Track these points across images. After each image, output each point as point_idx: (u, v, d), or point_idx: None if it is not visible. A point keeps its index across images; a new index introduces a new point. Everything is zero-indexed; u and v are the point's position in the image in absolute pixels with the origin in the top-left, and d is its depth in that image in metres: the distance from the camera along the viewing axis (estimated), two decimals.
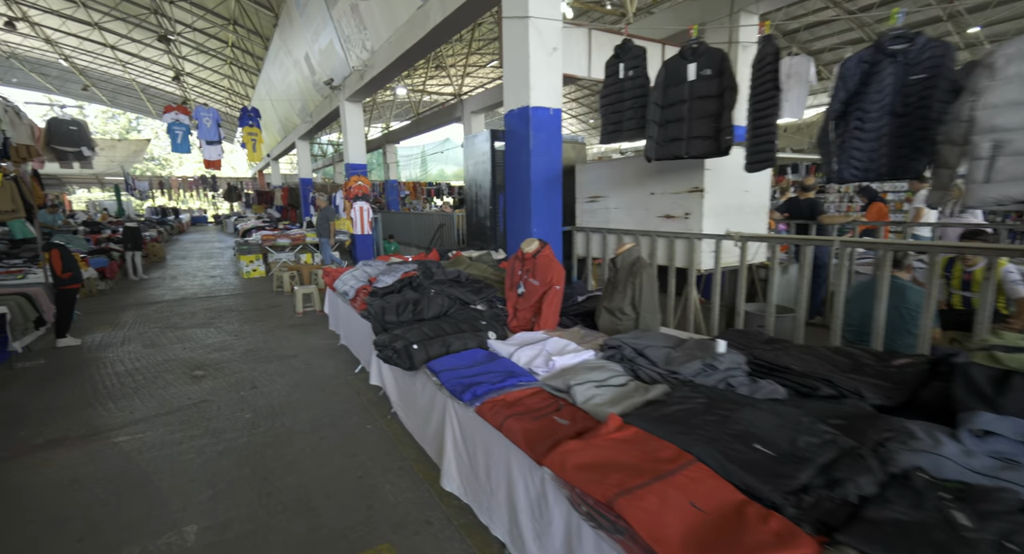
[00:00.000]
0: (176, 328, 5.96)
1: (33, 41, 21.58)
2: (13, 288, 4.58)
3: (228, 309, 7.02)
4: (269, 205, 24.46)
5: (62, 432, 3.27)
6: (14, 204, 4.68)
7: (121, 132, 38.69)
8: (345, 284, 4.07)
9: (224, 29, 17.75)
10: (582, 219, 5.21)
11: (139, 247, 9.64)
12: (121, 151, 25.52)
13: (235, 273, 10.56)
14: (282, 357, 4.79)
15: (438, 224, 13.63)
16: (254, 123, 10.85)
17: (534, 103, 4.82)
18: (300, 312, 6.58)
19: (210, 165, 10.55)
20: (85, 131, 5.35)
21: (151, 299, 7.83)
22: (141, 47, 21.31)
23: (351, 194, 11.22)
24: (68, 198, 26.79)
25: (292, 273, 8.26)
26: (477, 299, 3.26)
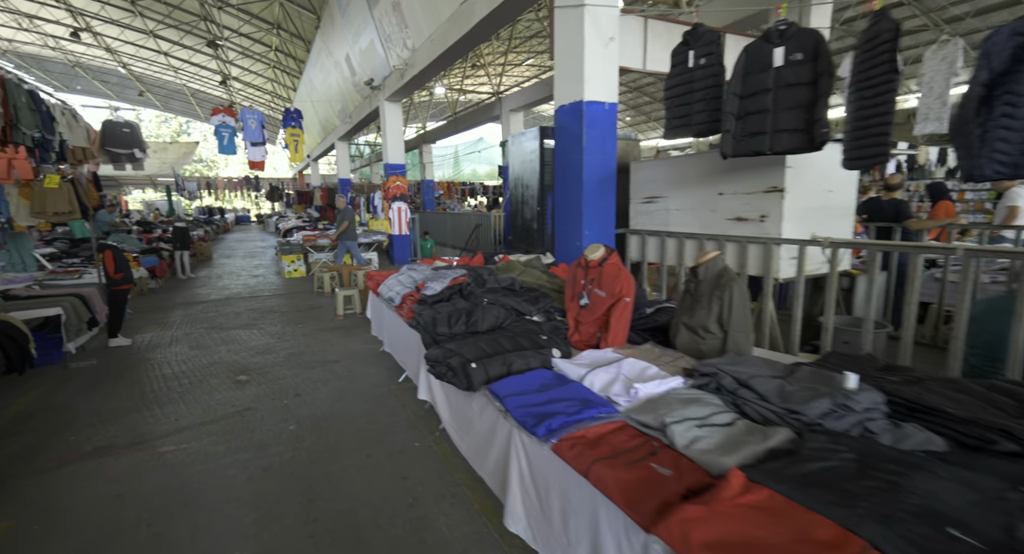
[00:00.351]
0: (221, 329, 5.97)
1: (95, 50, 22.83)
2: (68, 289, 4.65)
3: (271, 310, 7.03)
4: (308, 205, 25.03)
5: (109, 439, 3.21)
6: (71, 206, 4.74)
7: (172, 135, 40.58)
8: (390, 290, 3.88)
9: (268, 33, 18.17)
10: (637, 221, 4.87)
11: (187, 246, 9.89)
12: (172, 153, 26.70)
13: (277, 273, 10.71)
14: (324, 362, 4.67)
15: (475, 224, 13.47)
16: (296, 124, 10.97)
17: (588, 97, 4.51)
18: (341, 315, 6.50)
19: (254, 166, 10.72)
20: (137, 133, 5.42)
21: (198, 298, 7.96)
22: (191, 53, 22.16)
23: (389, 194, 11.19)
24: (125, 198, 28.22)
25: (332, 274, 8.24)
26: (534, 310, 3.00)
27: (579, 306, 2.83)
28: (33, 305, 4.06)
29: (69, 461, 2.93)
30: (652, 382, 1.96)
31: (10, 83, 3.11)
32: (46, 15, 19.58)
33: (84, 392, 3.98)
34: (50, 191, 4.68)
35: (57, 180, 4.70)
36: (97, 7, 18.31)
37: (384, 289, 4.00)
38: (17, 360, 3.34)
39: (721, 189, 3.92)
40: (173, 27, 19.02)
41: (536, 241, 5.19)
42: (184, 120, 40.82)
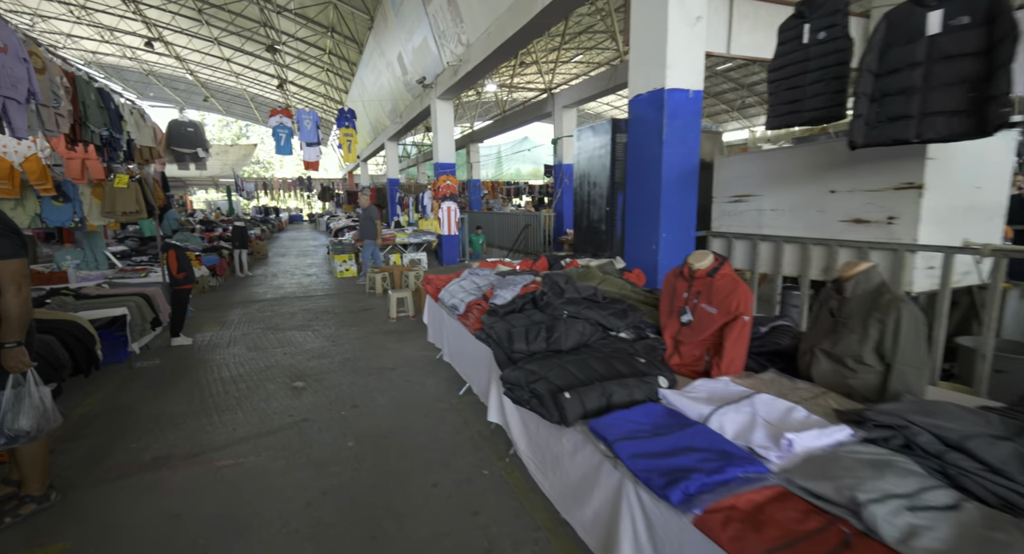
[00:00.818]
0: (277, 330, 5.93)
1: (166, 59, 24.28)
2: (134, 288, 4.69)
3: (324, 311, 6.97)
4: (357, 205, 25.58)
5: (168, 447, 3.08)
6: (138, 205, 4.77)
7: (233, 138, 42.77)
8: (453, 296, 3.59)
9: (323, 37, 18.59)
10: (721, 222, 4.36)
11: (246, 245, 10.13)
12: (232, 155, 28.06)
13: (329, 272, 10.80)
14: (380, 370, 4.46)
15: (523, 224, 13.15)
16: (350, 124, 11.03)
17: (671, 84, 4.06)
18: (394, 318, 6.33)
19: (309, 166, 10.86)
20: (201, 133, 5.46)
21: (255, 297, 8.06)
22: (251, 59, 23.11)
23: (439, 194, 11.04)
24: (190, 198, 29.93)
25: (383, 275, 8.13)
26: (622, 325, 2.60)
27: (680, 323, 2.42)
28: (101, 304, 4.07)
29: (129, 472, 2.81)
30: (809, 432, 1.53)
31: (80, 80, 3.07)
32: (124, 27, 20.95)
33: (146, 394, 3.94)
34: (119, 191, 4.72)
35: (126, 180, 4.74)
36: (168, 17, 19.37)
37: (445, 295, 3.72)
38: (84, 362, 3.30)
39: (833, 186, 3.37)
40: (235, 34, 19.86)
41: (604, 243, 4.77)
42: (244, 124, 42.94)
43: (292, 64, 22.21)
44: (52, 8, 20.28)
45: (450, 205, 11.09)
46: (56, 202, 4.81)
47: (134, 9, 18.20)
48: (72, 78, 3.01)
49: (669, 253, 4.29)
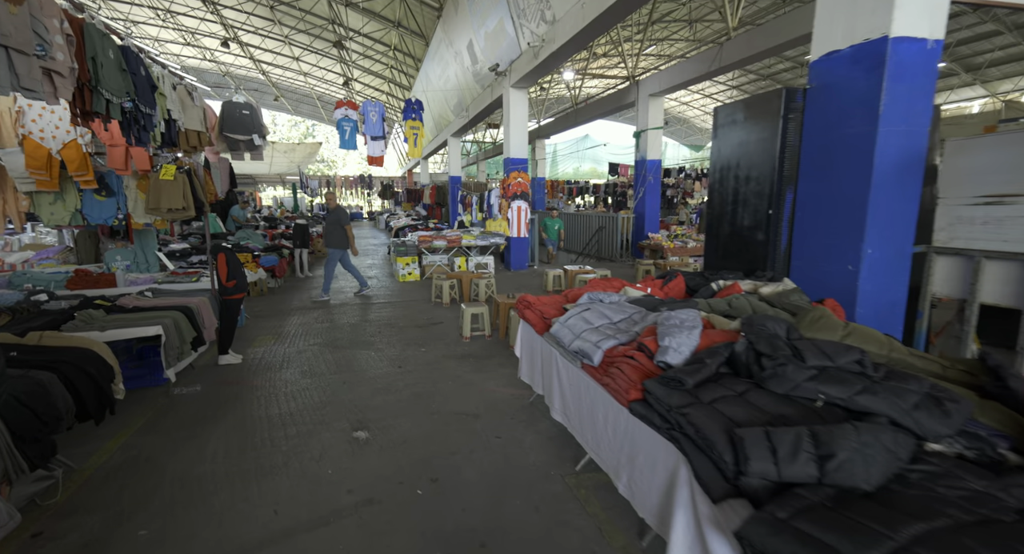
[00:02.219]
0: (336, 347, 5.12)
1: (242, 60, 25.09)
2: (177, 299, 3.98)
3: (387, 323, 6.13)
4: (416, 203, 25.29)
5: (186, 538, 2.21)
6: (185, 201, 4.07)
7: (301, 137, 44.27)
8: (578, 336, 2.49)
9: (389, 31, 18.22)
10: (958, 234, 2.99)
11: (307, 244, 9.61)
12: (299, 154, 28.67)
13: (390, 274, 10.10)
14: (461, 416, 3.46)
15: (596, 227, 11.91)
16: (417, 116, 10.28)
17: (899, 31, 2.76)
18: (467, 337, 5.35)
19: (373, 162, 10.21)
20: (257, 116, 4.73)
21: (315, 301, 7.40)
22: (319, 57, 23.35)
23: (509, 192, 10.05)
24: (259, 195, 31.00)
25: (451, 283, 7.22)
26: (943, 429, 1.40)
27: None
28: (133, 321, 3.35)
29: None
30: None
31: (90, 29, 2.28)
32: (204, 29, 21.68)
33: (178, 436, 3.15)
34: (165, 184, 4.04)
35: (172, 171, 4.05)
36: (244, 17, 19.76)
37: (564, 333, 2.63)
38: (94, 404, 2.51)
39: None
40: (304, 32, 19.98)
41: (761, 259, 3.52)
42: (311, 123, 44.40)
43: (357, 61, 22.15)
44: (141, 13, 21.24)
45: (520, 204, 10.08)
46: (98, 196, 4.21)
47: (212, 9, 18.61)
48: (79, 26, 2.23)
49: (876, 277, 3.00)
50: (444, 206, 20.28)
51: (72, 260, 6.76)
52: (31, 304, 3.48)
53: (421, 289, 8.42)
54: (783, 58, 22.10)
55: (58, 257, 6.95)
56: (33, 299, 3.64)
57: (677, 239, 10.08)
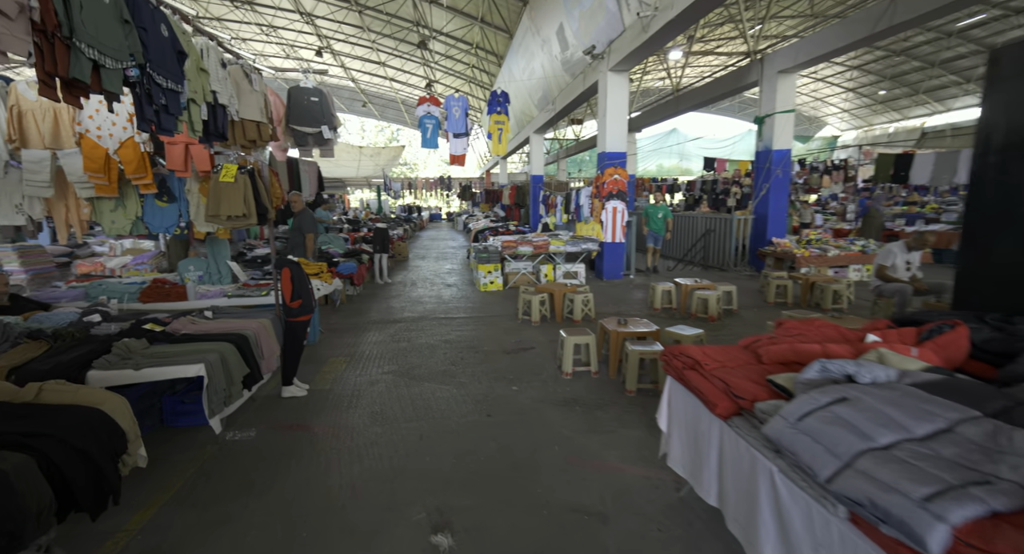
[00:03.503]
0: (412, 378, 4.32)
1: (334, 69, 26.17)
2: (233, 326, 3.34)
3: (470, 346, 5.26)
4: (495, 204, 24.78)
5: None
6: (246, 207, 3.44)
7: (386, 141, 46.00)
8: (840, 457, 1.32)
9: (471, 29, 17.74)
10: None
11: (387, 249, 9.14)
12: (384, 157, 29.46)
13: (470, 282, 9.35)
14: (579, 515, 2.41)
15: (703, 230, 10.31)
16: (502, 110, 9.42)
17: None
18: (569, 373, 4.30)
19: (455, 160, 9.52)
20: (326, 104, 4.04)
21: (392, 314, 6.77)
22: (403, 61, 23.62)
23: (604, 191, 8.86)
24: (348, 197, 32.33)
25: (541, 297, 6.21)
26: None
27: None
28: (175, 356, 2.72)
29: None
30: None
31: None
32: (301, 41, 22.74)
33: (212, 519, 2.44)
34: (225, 187, 3.44)
35: (233, 172, 3.44)
36: (335, 26, 20.37)
37: (800, 442, 1.44)
38: (87, 494, 1.81)
39: None
40: (389, 36, 20.18)
41: None
42: (396, 128, 45.98)
43: (439, 61, 22.02)
44: (248, 30, 22.70)
45: (616, 205, 8.84)
46: (160, 202, 3.73)
47: (307, 20, 19.32)
48: None
49: None
50: (523, 207, 19.45)
51: (165, 266, 6.71)
52: (79, 327, 3.01)
53: (505, 301, 7.52)
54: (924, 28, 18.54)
55: (151, 262, 6.93)
56: (86, 320, 3.19)
57: (811, 246, 8.27)
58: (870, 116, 27.07)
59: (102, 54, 1.66)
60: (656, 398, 3.81)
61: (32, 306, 3.89)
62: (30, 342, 2.78)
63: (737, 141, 26.32)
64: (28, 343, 2.78)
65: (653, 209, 9.52)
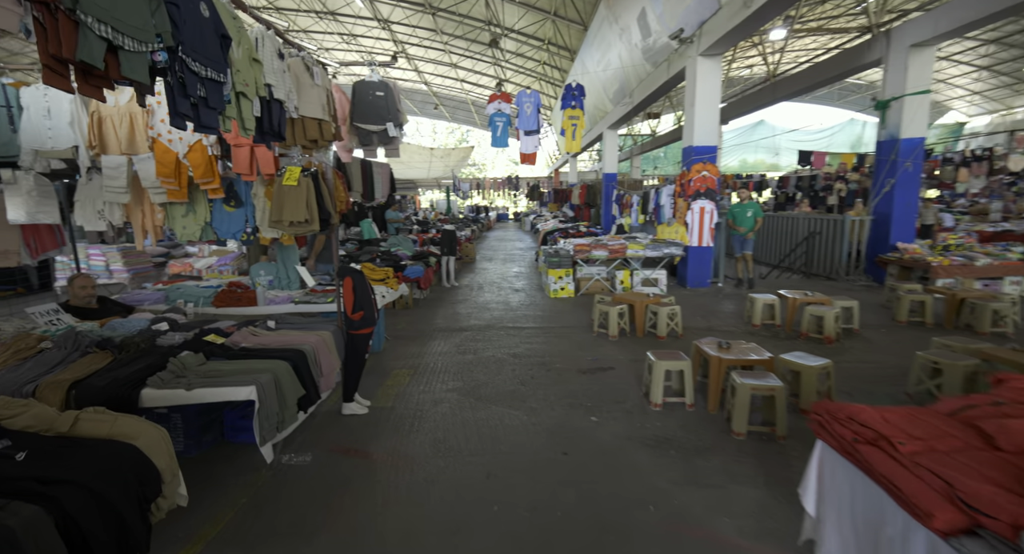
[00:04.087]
0: (478, 399, 3.92)
1: (408, 73, 26.90)
2: (292, 339, 3.11)
3: (541, 362, 4.79)
4: (563, 203, 24.18)
5: None
6: (308, 212, 3.21)
7: (456, 143, 46.84)
8: None
9: (544, 24, 17.26)
10: None
11: (454, 251, 8.93)
12: (454, 158, 29.88)
13: (539, 287, 8.88)
14: None
15: (807, 232, 9.06)
16: (577, 104, 8.85)
17: None
18: (658, 404, 3.68)
19: (525, 159, 9.11)
20: (392, 99, 3.68)
21: (458, 321, 6.47)
22: (474, 62, 23.70)
23: (691, 189, 8.00)
24: (419, 198, 33.20)
25: (620, 309, 5.59)
26: None
27: None
28: (229, 375, 2.50)
29: None
30: None
31: None
32: (379, 48, 23.53)
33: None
34: (288, 191, 3.23)
35: (297, 174, 3.22)
36: (410, 30, 20.80)
37: None
38: (105, 547, 1.54)
39: None
40: (461, 37, 20.26)
41: None
42: (466, 129, 46.73)
43: (510, 59, 21.79)
44: (331, 40, 23.87)
45: (704, 205, 7.95)
46: (228, 207, 3.62)
47: (384, 26, 19.88)
48: None
49: None
50: (594, 207, 18.68)
51: (245, 268, 6.90)
52: (145, 337, 2.92)
53: (577, 310, 6.97)
54: None
55: (233, 264, 7.17)
56: (154, 328, 3.12)
57: (951, 252, 6.87)
58: (1009, 98, 23.11)
59: (117, 32, 1.39)
60: (773, 445, 3.11)
61: (116, 309, 3.97)
62: (97, 353, 2.71)
63: (836, 132, 23.67)
64: (95, 354, 2.71)
65: (740, 208, 8.05)
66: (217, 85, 1.84)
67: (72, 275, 3.62)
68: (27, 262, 3.63)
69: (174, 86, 1.66)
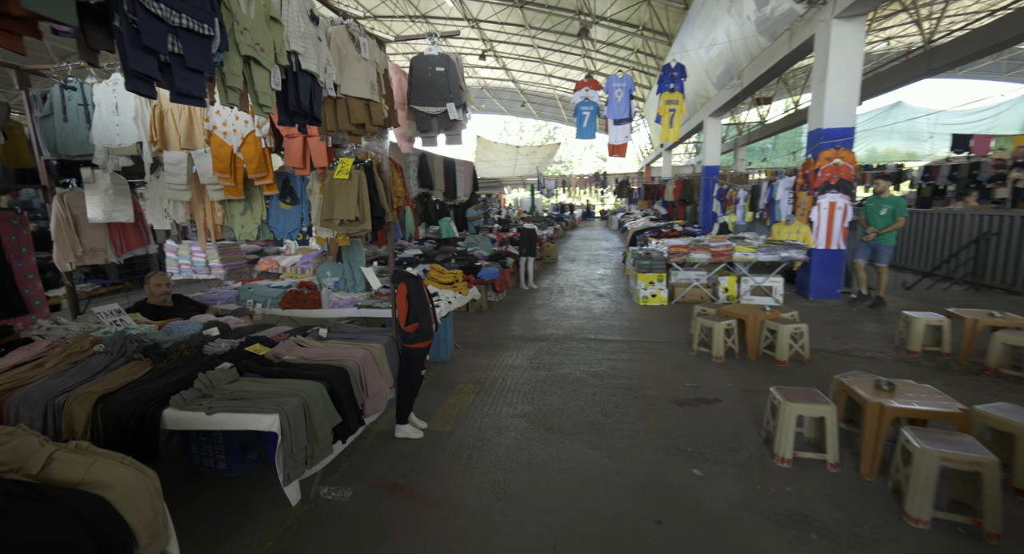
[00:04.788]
0: (550, 430, 3.30)
1: (496, 72, 26.92)
2: (338, 352, 2.72)
3: (627, 386, 4.04)
4: (654, 200, 22.59)
5: None
6: (358, 209, 2.81)
7: (542, 140, 46.38)
8: None
9: (638, 9, 16.08)
10: None
11: (533, 252, 8.37)
12: (539, 155, 29.42)
13: (626, 292, 8.02)
14: None
15: (977, 233, 7.17)
16: (676, 86, 7.83)
17: None
18: (787, 460, 2.79)
19: (614, 151, 8.26)
20: (454, 75, 3.10)
21: (534, 329, 5.89)
22: (563, 55, 23.01)
23: (818, 181, 6.65)
24: (504, 197, 33.20)
25: (726, 325, 4.63)
26: None
27: None
28: (257, 399, 2.15)
29: None
30: None
31: None
32: (468, 48, 23.74)
33: None
34: (339, 185, 2.87)
35: (348, 167, 2.83)
36: (498, 27, 20.66)
37: None
38: None
39: None
40: (549, 30, 19.68)
41: None
42: (553, 126, 46.09)
43: (600, 49, 20.75)
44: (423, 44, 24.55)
45: (835, 200, 6.56)
46: (284, 204, 3.38)
47: (472, 24, 19.94)
48: None
49: None
50: (690, 203, 17.06)
51: None
52: (192, 344, 2.73)
53: (671, 322, 6.05)
54: None
55: (315, 262, 7.26)
56: (205, 333, 2.94)
57: None
58: None
59: None
60: (978, 545, 2.10)
61: (191, 308, 3.94)
62: (141, 360, 2.54)
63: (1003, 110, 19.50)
64: (139, 361, 2.53)
65: (875, 203, 6.17)
66: (199, 40, 1.43)
67: (149, 273, 3.62)
68: (113, 260, 3.70)
69: (124, 33, 1.27)
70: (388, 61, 2.83)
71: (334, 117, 2.45)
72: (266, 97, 1.80)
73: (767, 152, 25.05)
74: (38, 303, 3.20)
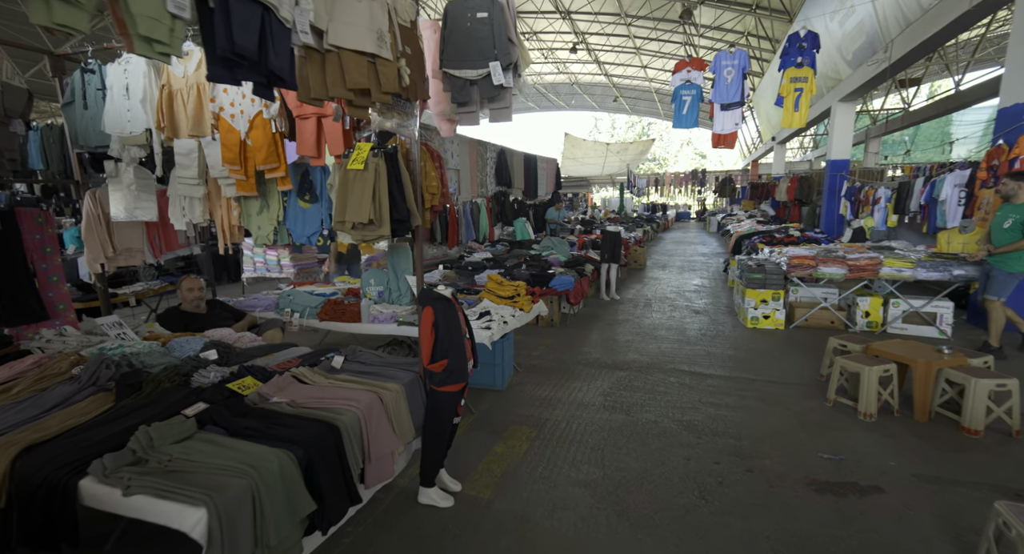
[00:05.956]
0: (622, 516, 2.38)
1: (588, 66, 25.77)
2: (337, 398, 2.04)
3: (735, 453, 2.96)
4: (760, 200, 20.02)
5: None
6: (373, 208, 2.14)
7: (636, 137, 44.02)
8: None
9: None
10: None
11: (616, 258, 7.32)
12: (631, 153, 27.65)
13: (728, 309, 6.69)
14: None
15: None
16: (806, 60, 6.33)
17: None
18: None
19: (719, 141, 6.93)
20: (500, 24, 2.15)
21: (613, 353, 4.93)
22: (660, 44, 21.34)
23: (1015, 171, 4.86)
24: (591, 196, 31.85)
25: (885, 371, 3.31)
26: None
27: None
28: (188, 476, 1.54)
29: None
30: None
31: None
32: (559, 42, 22.91)
33: None
34: (354, 178, 2.22)
35: (365, 154, 2.18)
36: (590, 19, 19.60)
37: None
38: None
39: None
40: (646, 17, 18.20)
41: None
42: (647, 122, 43.59)
43: (704, 34, 18.78)
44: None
45: None
46: (303, 201, 2.84)
47: (564, 15, 19.12)
48: None
49: None
50: (807, 203, 14.65)
51: None
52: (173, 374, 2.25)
53: (790, 351, 4.74)
54: None
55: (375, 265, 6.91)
56: (202, 356, 2.48)
57: None
58: None
59: None
60: None
61: (226, 315, 3.62)
62: (104, 395, 2.09)
63: None
64: (104, 394, 2.09)
65: (1001, 212, 4.35)
66: None
67: (182, 276, 3.31)
68: (150, 261, 3.46)
69: None
70: (416, 7, 2.11)
71: (321, 79, 1.77)
72: (176, 40, 1.12)
73: (902, 145, 21.09)
74: (62, 307, 2.99)
